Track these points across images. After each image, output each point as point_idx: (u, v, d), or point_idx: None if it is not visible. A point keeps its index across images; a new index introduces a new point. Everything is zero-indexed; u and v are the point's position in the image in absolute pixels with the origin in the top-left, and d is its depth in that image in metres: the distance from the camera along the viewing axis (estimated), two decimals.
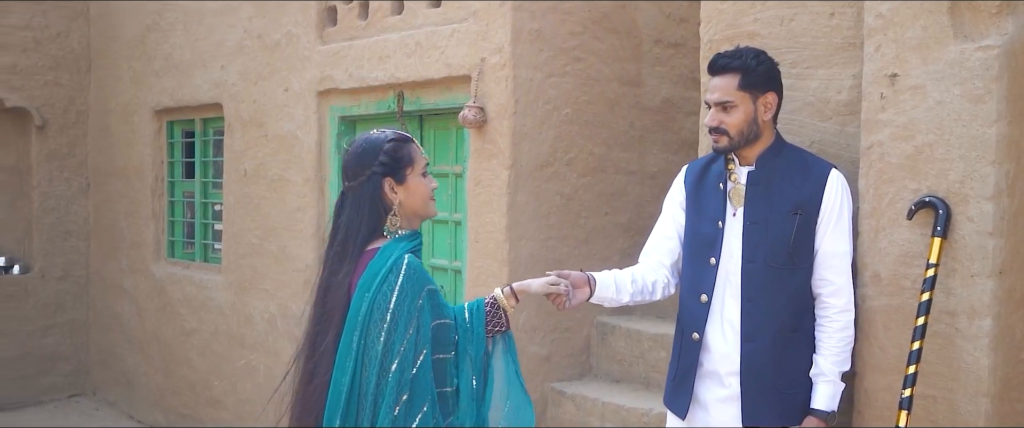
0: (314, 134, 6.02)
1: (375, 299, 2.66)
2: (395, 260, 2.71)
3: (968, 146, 2.98)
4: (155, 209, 7.73)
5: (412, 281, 2.69)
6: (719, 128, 3.26)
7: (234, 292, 6.76)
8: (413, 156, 2.86)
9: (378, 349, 2.64)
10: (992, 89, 2.93)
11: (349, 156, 2.88)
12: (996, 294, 2.96)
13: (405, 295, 2.67)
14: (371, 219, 2.80)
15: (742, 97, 3.22)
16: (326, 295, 2.81)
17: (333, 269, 2.82)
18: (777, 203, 3.22)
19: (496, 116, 4.84)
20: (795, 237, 3.17)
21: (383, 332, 2.65)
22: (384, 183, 2.80)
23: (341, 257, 2.80)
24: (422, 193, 2.87)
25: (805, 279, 3.20)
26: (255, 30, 6.53)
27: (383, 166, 2.80)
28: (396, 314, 2.66)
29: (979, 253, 2.97)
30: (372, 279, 2.69)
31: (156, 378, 7.68)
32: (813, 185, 3.20)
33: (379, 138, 2.85)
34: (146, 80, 7.75)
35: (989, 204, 2.95)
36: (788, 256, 3.18)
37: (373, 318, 2.67)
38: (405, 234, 2.84)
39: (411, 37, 5.33)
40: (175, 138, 7.71)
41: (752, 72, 3.21)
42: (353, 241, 2.79)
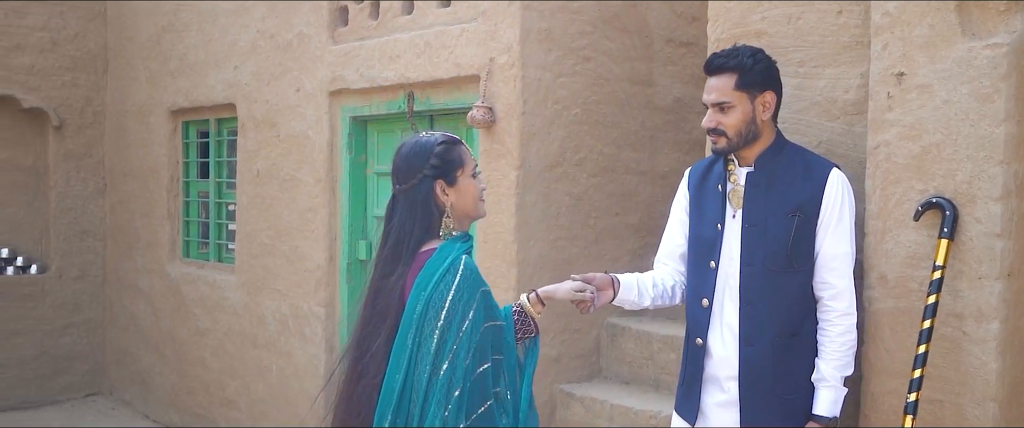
0: (325, 134, 6.01)
1: (431, 297, 2.67)
2: (453, 260, 2.71)
3: (976, 146, 2.93)
4: (170, 209, 7.75)
5: (468, 281, 2.70)
6: (717, 129, 3.21)
7: (247, 292, 6.77)
8: (463, 158, 2.87)
9: (431, 347, 2.64)
10: (1000, 88, 2.88)
11: (399, 160, 2.87)
12: (1004, 296, 2.91)
13: (461, 294, 2.68)
14: (424, 222, 2.80)
15: (739, 97, 3.16)
16: (377, 297, 2.81)
17: (385, 271, 2.81)
18: (776, 204, 3.17)
19: (505, 116, 4.81)
20: (793, 239, 3.12)
21: (437, 330, 2.65)
22: (435, 186, 2.81)
23: (394, 260, 2.80)
24: (473, 194, 2.88)
25: (805, 282, 3.14)
26: (268, 30, 6.53)
27: (434, 169, 2.80)
28: (451, 313, 2.66)
29: (987, 255, 2.92)
30: (429, 278, 2.69)
31: (171, 378, 7.70)
32: (813, 185, 3.14)
33: (429, 141, 2.86)
34: (161, 80, 7.77)
35: (997, 205, 2.89)
36: (787, 259, 3.12)
37: (428, 316, 2.67)
38: (458, 235, 2.84)
39: (421, 37, 5.31)
40: (190, 138, 7.73)
41: (749, 71, 3.15)
42: (406, 244, 2.79)
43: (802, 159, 3.22)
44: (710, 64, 3.23)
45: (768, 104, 3.19)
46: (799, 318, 3.15)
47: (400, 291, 2.75)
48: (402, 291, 2.75)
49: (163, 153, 7.78)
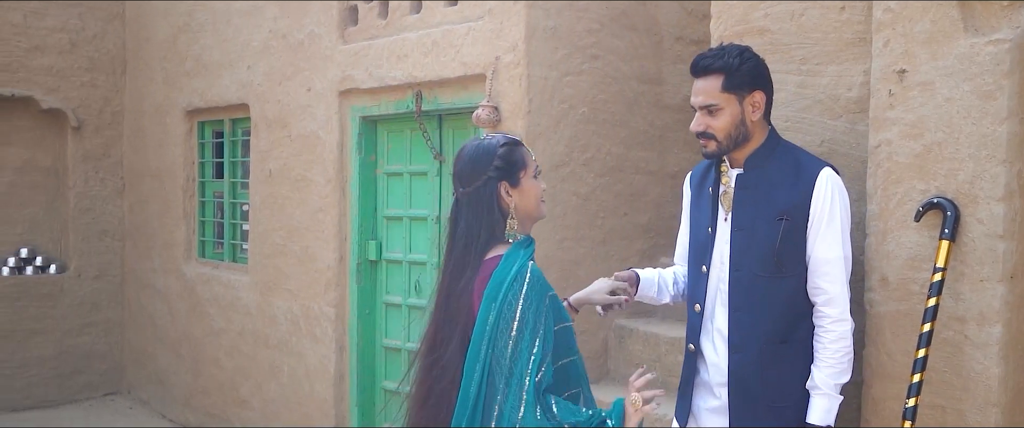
0: (335, 134, 5.99)
1: (502, 308, 2.65)
2: (519, 268, 2.69)
3: (978, 145, 2.86)
4: (186, 209, 7.76)
5: (536, 289, 2.69)
6: (706, 133, 3.13)
7: (259, 292, 6.77)
8: (526, 159, 2.86)
9: (507, 356, 2.63)
10: (1003, 85, 2.81)
11: (461, 162, 2.86)
12: (1007, 299, 2.83)
13: (530, 303, 2.66)
14: (489, 225, 2.79)
15: (727, 99, 3.08)
16: (448, 302, 2.80)
17: (455, 276, 2.80)
18: (764, 207, 3.09)
19: (510, 115, 4.77)
20: (781, 243, 3.03)
21: (511, 340, 2.64)
22: (499, 188, 2.80)
23: (462, 264, 2.79)
24: (536, 195, 2.87)
25: (797, 287, 3.05)
26: (280, 30, 6.52)
27: (498, 170, 2.80)
28: (523, 322, 2.65)
29: (989, 256, 2.85)
30: (498, 289, 2.67)
31: (186, 377, 7.72)
32: (802, 187, 3.05)
33: (492, 142, 2.85)
34: (177, 81, 7.79)
35: (999, 205, 2.82)
36: (775, 263, 3.04)
37: (500, 328, 2.66)
38: (522, 239, 2.83)
39: (428, 36, 5.28)
40: (206, 138, 7.74)
41: (735, 72, 3.06)
42: (474, 248, 2.78)
43: (793, 159, 3.13)
44: (696, 65, 3.15)
45: (758, 104, 3.11)
46: (790, 324, 3.06)
47: (469, 297, 2.75)
48: (471, 297, 2.75)
49: (179, 153, 7.80)
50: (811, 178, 3.04)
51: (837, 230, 3.01)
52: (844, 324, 3.01)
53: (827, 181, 3.02)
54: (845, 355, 3.01)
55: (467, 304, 2.76)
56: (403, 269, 5.79)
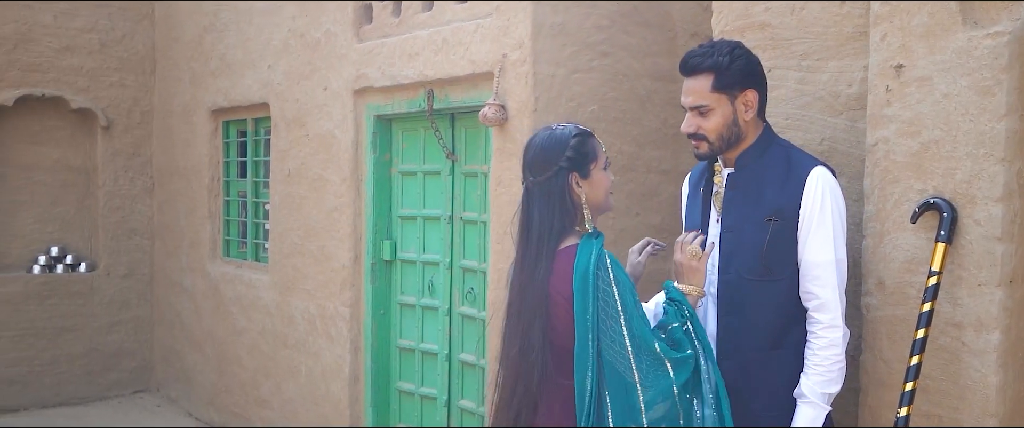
0: (350, 133, 5.95)
1: (598, 298, 2.69)
2: (597, 256, 2.72)
3: (975, 142, 2.73)
4: (211, 208, 7.78)
5: (621, 270, 2.73)
6: (697, 134, 3.05)
7: (279, 292, 6.75)
8: (597, 150, 2.89)
9: (624, 343, 2.67)
10: (1002, 80, 2.68)
11: (532, 151, 2.88)
12: (1005, 305, 2.70)
13: (624, 286, 2.71)
14: (562, 215, 2.82)
15: (718, 99, 2.99)
16: (525, 294, 2.82)
17: (531, 269, 2.83)
18: (753, 208, 2.99)
19: (516, 114, 4.69)
20: (769, 245, 2.93)
21: (623, 325, 2.67)
22: (570, 178, 2.83)
23: (537, 256, 2.82)
24: (605, 187, 2.90)
25: (788, 291, 2.94)
26: (298, 29, 6.50)
27: (569, 161, 2.82)
28: (625, 303, 2.69)
29: (987, 260, 2.72)
30: (585, 280, 2.71)
31: (211, 376, 7.74)
32: (792, 187, 2.94)
33: (564, 132, 2.87)
34: (203, 80, 7.82)
35: (998, 206, 2.69)
36: (764, 267, 2.94)
37: (603, 316, 2.69)
38: (592, 231, 2.85)
39: (438, 34, 5.22)
40: (230, 138, 7.75)
41: (725, 71, 2.96)
42: (547, 239, 2.81)
43: (785, 158, 3.02)
44: (685, 64, 3.06)
45: (750, 103, 3.01)
46: (780, 330, 2.96)
47: (546, 289, 2.78)
48: (548, 289, 2.78)
49: (204, 153, 7.82)
50: (801, 177, 2.93)
51: (828, 232, 2.90)
52: (835, 331, 2.89)
53: (818, 180, 2.91)
54: (835, 363, 2.90)
55: (544, 297, 2.79)
56: (417, 269, 5.74)
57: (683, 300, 2.86)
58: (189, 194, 8.08)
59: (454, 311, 5.45)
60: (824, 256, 2.89)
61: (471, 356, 5.29)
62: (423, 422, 5.71)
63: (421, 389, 5.71)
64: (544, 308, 2.79)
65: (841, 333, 2.89)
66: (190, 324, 8.09)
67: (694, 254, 2.95)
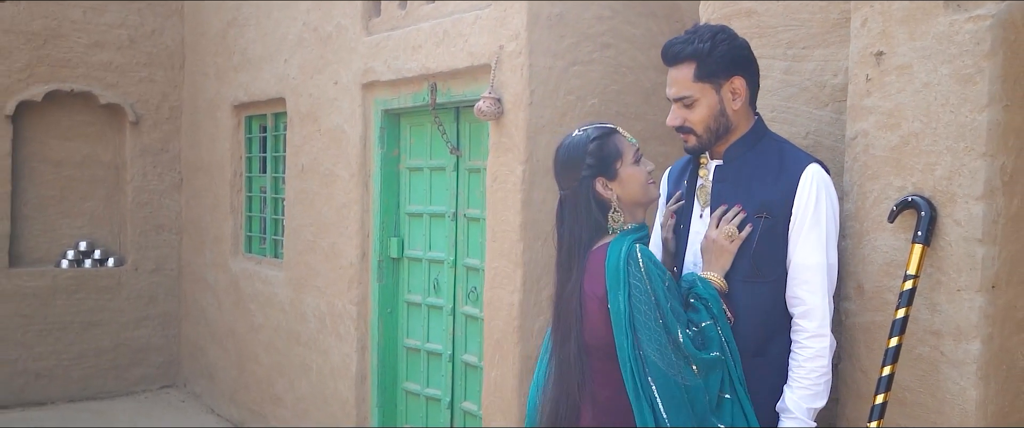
0: (359, 128, 5.84)
1: (631, 293, 2.63)
2: (627, 252, 2.67)
3: (956, 136, 2.52)
4: (233, 204, 7.74)
5: (654, 264, 2.67)
6: (683, 127, 2.87)
7: (292, 288, 6.68)
8: (621, 147, 2.80)
9: (663, 338, 2.60)
10: (983, 67, 2.46)
11: (556, 164, 2.87)
12: (986, 312, 2.48)
13: (654, 279, 2.63)
14: (590, 223, 2.78)
15: (702, 89, 2.81)
16: (559, 304, 2.82)
17: (563, 279, 2.82)
18: (743, 202, 2.80)
19: (512, 108, 4.53)
20: (757, 244, 2.75)
21: (658, 318, 2.61)
22: (596, 184, 2.78)
23: (568, 266, 2.80)
24: (639, 180, 2.81)
25: (775, 294, 2.75)
26: (312, 23, 6.41)
27: (591, 168, 2.77)
28: (658, 298, 2.62)
29: (966, 263, 2.50)
30: (616, 275, 2.66)
31: (231, 372, 7.70)
32: (785, 183, 2.75)
33: (581, 139, 2.81)
34: (226, 75, 7.78)
35: (978, 205, 2.47)
36: (751, 266, 2.76)
37: (639, 317, 2.63)
38: (631, 228, 2.78)
39: (439, 25, 5.08)
40: (253, 133, 7.70)
41: (708, 58, 2.77)
42: (577, 250, 2.78)
43: (778, 152, 2.83)
44: (666, 53, 2.87)
45: (738, 92, 2.82)
46: (766, 336, 2.77)
47: (578, 295, 2.74)
48: (581, 294, 2.73)
49: (227, 148, 7.78)
50: (795, 174, 2.75)
51: (821, 233, 2.70)
52: (821, 340, 2.69)
53: (813, 178, 2.73)
54: (821, 376, 2.70)
55: (577, 304, 2.74)
56: (423, 267, 5.60)
57: (711, 297, 2.72)
58: (213, 190, 8.05)
59: (458, 311, 5.31)
60: (814, 259, 2.71)
61: (473, 357, 5.15)
62: (428, 424, 5.58)
63: (426, 390, 5.58)
64: (578, 316, 2.75)
65: (827, 343, 2.70)
66: (213, 320, 8.06)
67: (729, 234, 2.78)
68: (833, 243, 2.72)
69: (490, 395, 4.74)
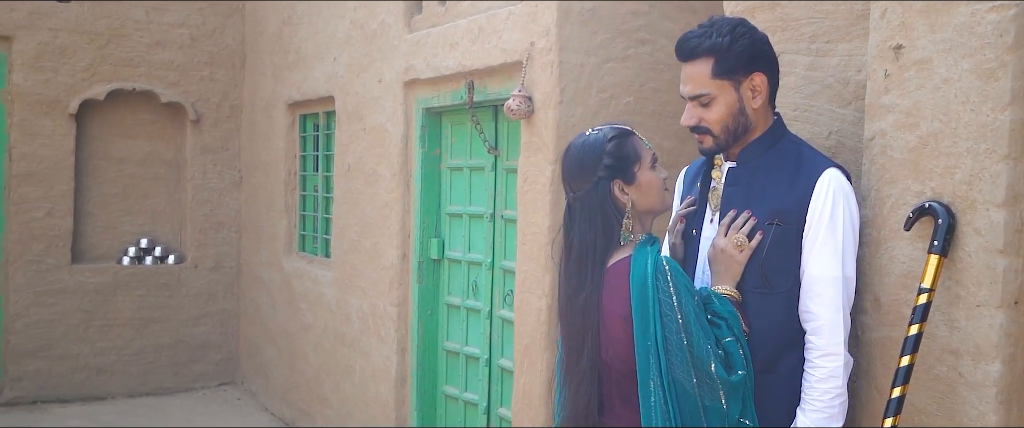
0: (401, 127, 5.75)
1: (660, 313, 2.44)
2: (654, 264, 2.47)
3: (976, 136, 2.30)
4: (287, 202, 7.73)
5: (681, 276, 2.48)
6: (699, 127, 2.68)
7: (338, 288, 6.63)
8: (639, 150, 2.62)
9: (686, 358, 2.42)
10: (1006, 61, 2.24)
11: (569, 163, 2.65)
12: (1008, 330, 2.26)
13: (684, 294, 2.44)
14: (606, 230, 2.57)
15: (720, 86, 2.61)
16: (569, 317, 2.61)
17: (573, 289, 2.60)
18: (756, 207, 2.61)
19: (542, 106, 4.38)
20: (768, 252, 2.56)
21: (684, 339, 2.42)
22: (613, 187, 2.57)
23: (580, 276, 2.58)
24: (656, 186, 2.63)
25: (787, 307, 2.56)
26: (359, 20, 6.35)
27: (609, 169, 2.57)
28: (685, 315, 2.43)
29: (987, 276, 2.28)
30: (643, 293, 2.45)
31: (284, 371, 7.69)
32: (801, 188, 2.55)
33: (598, 138, 2.61)
34: (282, 74, 7.77)
35: (999, 212, 2.25)
36: (761, 276, 2.57)
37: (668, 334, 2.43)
38: (644, 239, 2.59)
39: (475, 22, 4.96)
40: (307, 132, 7.68)
41: (727, 53, 2.58)
42: (590, 257, 2.57)
43: (796, 155, 2.63)
44: (681, 48, 2.69)
45: (758, 89, 2.63)
46: (774, 352, 2.57)
47: (596, 310, 2.54)
48: (599, 311, 2.53)
49: (281, 146, 7.78)
50: (812, 179, 2.54)
51: (837, 244, 2.50)
52: (834, 359, 2.49)
53: (830, 184, 2.52)
54: (835, 398, 2.50)
55: (594, 319, 2.54)
56: (462, 269, 5.49)
57: (730, 315, 2.51)
58: (268, 188, 8.06)
59: (495, 314, 5.18)
60: (829, 271, 2.50)
61: (509, 362, 5.02)
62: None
63: (465, 394, 5.46)
64: (593, 335, 2.55)
65: (841, 362, 2.49)
66: (268, 318, 8.08)
67: (738, 244, 2.59)
68: (850, 254, 2.52)
69: (520, 401, 4.60)
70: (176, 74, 8.50)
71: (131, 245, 8.56)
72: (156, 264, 8.57)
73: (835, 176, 2.54)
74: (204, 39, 8.61)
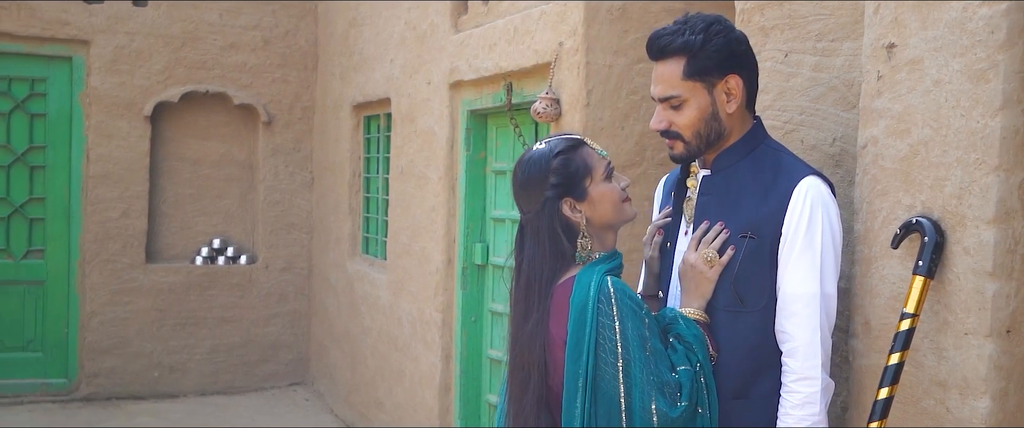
0: (447, 129, 5.65)
1: (596, 340, 2.23)
2: (598, 286, 2.26)
3: (966, 145, 2.07)
4: (351, 205, 7.71)
5: (630, 301, 2.26)
6: (669, 131, 2.48)
7: (392, 292, 6.56)
8: (589, 162, 2.41)
9: (617, 397, 2.23)
10: (998, 61, 2.01)
11: (516, 183, 2.47)
12: (998, 363, 2.03)
13: (630, 321, 2.24)
14: (555, 252, 2.38)
15: (691, 88, 2.41)
16: (515, 346, 2.43)
17: (520, 318, 2.43)
18: (729, 219, 2.41)
19: (569, 109, 4.22)
20: (741, 268, 2.35)
21: (619, 372, 2.22)
22: (562, 206, 2.38)
23: (526, 303, 2.41)
24: (611, 199, 2.41)
25: (762, 327, 2.35)
26: (413, 21, 6.27)
27: (556, 188, 2.37)
28: (627, 345, 2.23)
29: (975, 301, 2.05)
30: (582, 316, 2.26)
31: (346, 373, 7.68)
32: (776, 198, 2.34)
33: (543, 154, 2.41)
34: (348, 75, 7.76)
35: (989, 230, 2.02)
36: (733, 294, 2.37)
37: (602, 363, 2.23)
38: (601, 256, 2.40)
39: (511, 22, 4.82)
40: (372, 133, 7.65)
41: (699, 53, 2.37)
42: (538, 281, 2.39)
43: (774, 162, 2.42)
44: (651, 46, 2.49)
45: (733, 92, 2.42)
46: (748, 376, 2.37)
47: (542, 339, 2.35)
48: (545, 339, 2.34)
49: (346, 148, 7.77)
50: (788, 187, 2.33)
51: (814, 258, 2.28)
52: (810, 384, 2.28)
53: (807, 193, 2.30)
54: (813, 426, 2.29)
55: (540, 347, 2.35)
56: (506, 275, 5.35)
57: (696, 340, 2.31)
58: (335, 190, 8.06)
59: None
60: (805, 288, 2.28)
61: None
62: None
63: None
64: (540, 363, 2.35)
65: (818, 387, 2.28)
66: (334, 320, 8.08)
67: (709, 259, 2.38)
68: (830, 270, 2.29)
69: None
70: (249, 76, 8.58)
71: (204, 245, 8.67)
72: (228, 264, 8.66)
73: (813, 184, 2.32)
74: (277, 41, 8.67)
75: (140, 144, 8.26)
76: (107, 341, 8.21)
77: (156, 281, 8.35)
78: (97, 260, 8.15)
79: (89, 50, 8.08)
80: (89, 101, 8.11)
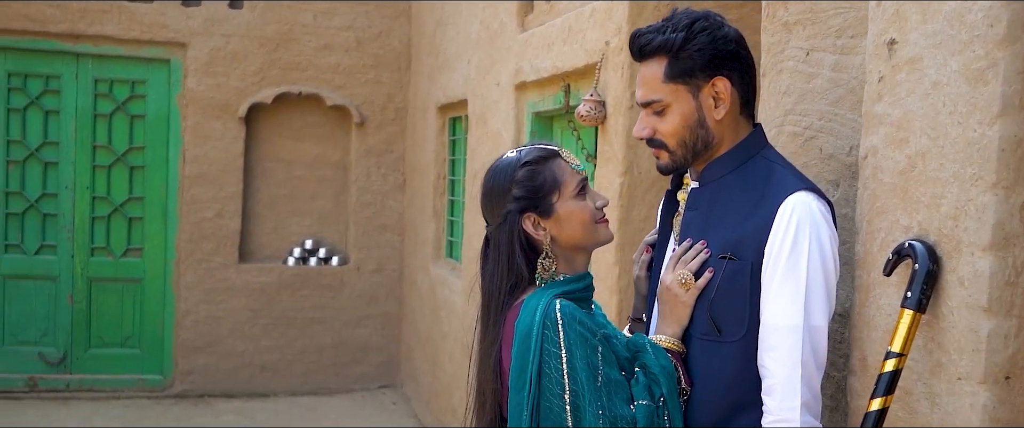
0: (512, 131, 5.47)
1: (541, 371, 2.02)
2: (544, 312, 2.05)
3: (963, 158, 1.78)
4: (436, 207, 7.62)
5: (578, 329, 2.03)
6: (653, 139, 2.23)
7: (465, 297, 6.42)
8: (558, 176, 2.19)
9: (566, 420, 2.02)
10: (997, 59, 1.71)
11: (481, 192, 2.31)
12: (993, 413, 1.73)
13: (575, 350, 2.01)
14: (512, 271, 2.21)
15: (674, 92, 2.16)
16: (476, 369, 2.31)
17: (479, 337, 2.30)
18: (711, 238, 2.16)
19: (613, 111, 3.98)
20: (718, 292, 2.10)
21: (566, 407, 2.01)
22: (524, 222, 2.19)
23: (485, 322, 2.28)
24: (581, 218, 2.19)
25: (740, 358, 2.08)
26: (486, 21, 6.12)
27: (519, 201, 2.18)
28: (575, 379, 2.01)
29: (969, 341, 1.75)
30: (525, 345, 2.06)
31: (428, 378, 7.58)
32: (761, 215, 2.07)
33: (510, 162, 2.22)
34: (434, 76, 7.67)
35: (985, 258, 1.72)
36: (709, 321, 2.11)
37: (548, 396, 2.02)
38: (563, 279, 2.19)
39: (566, 21, 4.61)
40: (456, 135, 7.53)
41: (680, 52, 2.13)
42: (495, 302, 2.24)
43: (765, 176, 2.14)
44: (632, 45, 2.25)
45: (721, 96, 2.16)
46: (726, 412, 2.11)
47: (494, 364, 2.20)
48: (498, 364, 2.19)
49: (432, 149, 7.67)
50: (775, 203, 2.06)
51: (798, 285, 2.00)
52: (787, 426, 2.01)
53: (793, 210, 2.02)
54: None
55: (491, 373, 2.20)
56: None
57: (663, 372, 2.07)
58: (422, 192, 7.98)
59: None
60: (786, 319, 2.00)
61: None
62: None
63: None
64: (493, 390, 2.18)
65: None
66: (418, 323, 8.00)
67: (683, 281, 2.14)
68: (818, 299, 2.00)
69: None
70: (342, 77, 8.58)
71: (297, 246, 8.71)
72: (320, 265, 8.68)
73: (802, 201, 2.02)
74: (369, 42, 8.65)
75: (235, 145, 8.36)
76: (200, 339, 8.34)
77: (249, 281, 8.43)
78: (192, 259, 8.28)
79: (186, 52, 8.22)
80: (186, 103, 8.24)
